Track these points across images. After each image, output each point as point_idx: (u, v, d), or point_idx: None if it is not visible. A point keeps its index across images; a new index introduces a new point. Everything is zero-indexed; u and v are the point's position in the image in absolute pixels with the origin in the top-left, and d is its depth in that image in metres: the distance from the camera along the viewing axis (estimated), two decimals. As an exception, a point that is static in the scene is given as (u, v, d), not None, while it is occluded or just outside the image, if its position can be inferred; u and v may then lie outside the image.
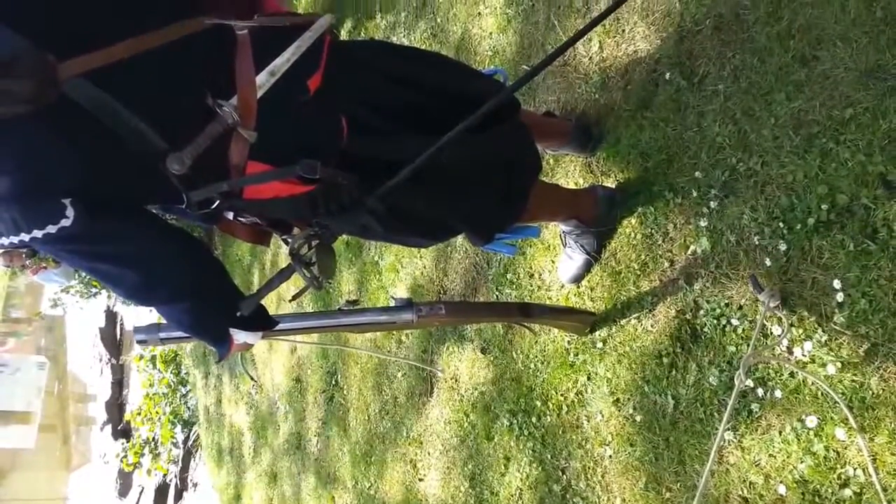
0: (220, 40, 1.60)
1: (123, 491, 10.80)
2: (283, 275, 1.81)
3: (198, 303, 1.77)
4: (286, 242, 1.88)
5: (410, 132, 1.89)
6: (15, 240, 1.48)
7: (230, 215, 1.87)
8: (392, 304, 2.26)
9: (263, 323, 1.97)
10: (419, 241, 2.30)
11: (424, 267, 3.59)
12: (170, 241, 1.72)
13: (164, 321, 2.01)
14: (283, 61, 1.63)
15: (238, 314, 1.83)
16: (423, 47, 3.77)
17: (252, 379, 1.81)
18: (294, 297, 1.96)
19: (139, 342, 2.12)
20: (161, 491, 9.14)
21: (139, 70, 1.45)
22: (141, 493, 9.92)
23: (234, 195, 1.65)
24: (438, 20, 3.71)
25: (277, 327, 2.05)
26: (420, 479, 3.50)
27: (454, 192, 1.99)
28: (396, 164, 1.66)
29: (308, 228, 1.75)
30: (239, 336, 1.89)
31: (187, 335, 2.02)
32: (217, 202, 1.64)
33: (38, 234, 1.45)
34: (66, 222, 1.45)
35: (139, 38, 1.45)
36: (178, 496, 8.68)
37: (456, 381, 3.29)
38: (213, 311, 1.84)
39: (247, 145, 1.58)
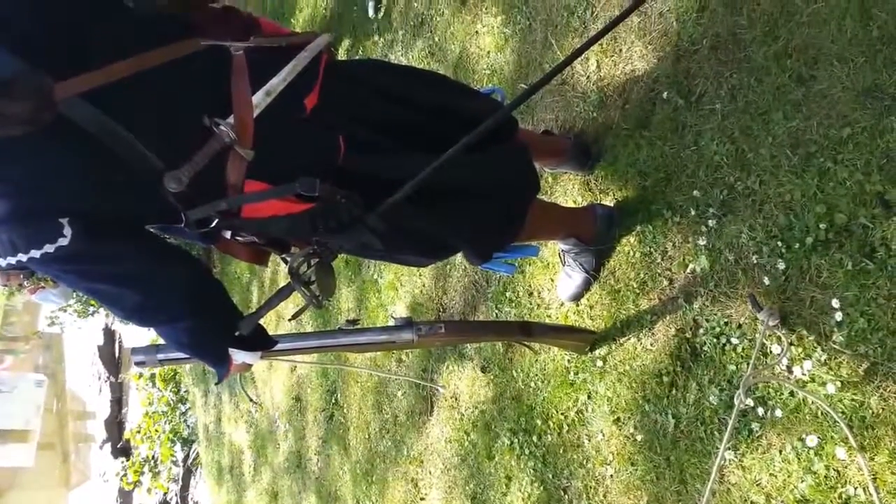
0: (216, 61, 1.63)
1: (123, 510, 10.76)
2: (283, 294, 1.81)
3: (198, 322, 1.77)
4: (285, 261, 1.88)
5: (409, 150, 1.90)
6: (13, 260, 1.48)
7: (228, 234, 1.87)
8: (392, 323, 2.26)
9: (263, 343, 1.96)
10: (418, 260, 2.30)
11: (423, 285, 3.59)
12: (169, 261, 1.72)
13: (162, 342, 2.02)
14: (280, 81, 1.65)
15: (237, 334, 1.83)
16: (420, 66, 3.79)
17: (251, 400, 1.81)
18: (294, 317, 1.96)
19: (137, 364, 2.11)
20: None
21: (137, 89, 1.46)
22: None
23: (233, 214, 1.65)
24: (436, 38, 3.72)
25: (277, 347, 2.05)
26: (422, 499, 3.49)
27: (453, 211, 1.99)
28: (395, 182, 1.67)
29: (307, 247, 1.75)
30: (238, 356, 1.89)
31: (186, 356, 2.02)
32: (215, 221, 1.65)
33: (35, 254, 1.45)
34: (63, 241, 1.45)
35: (138, 57, 1.47)
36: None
37: (456, 399, 3.28)
38: (213, 331, 1.83)
39: (244, 164, 1.59)
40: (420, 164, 1.67)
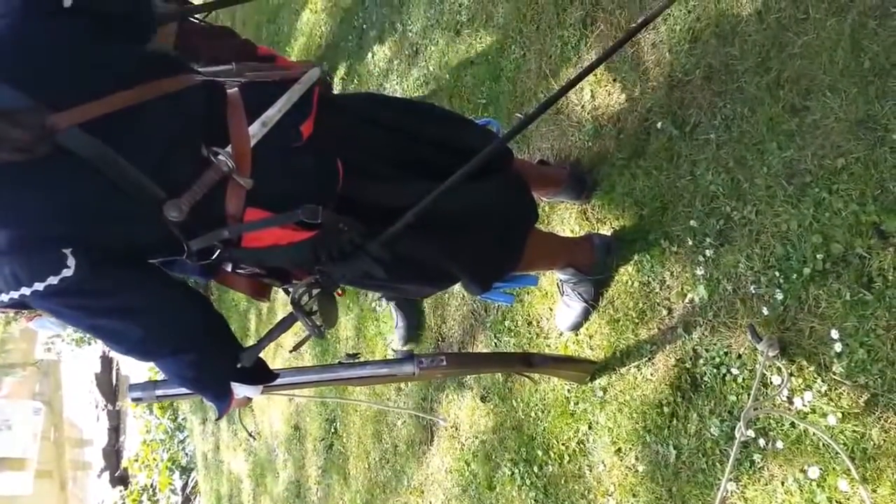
0: (211, 95, 1.66)
1: (122, 539, 10.66)
2: (284, 325, 1.81)
3: (200, 356, 1.75)
4: (287, 292, 1.87)
5: (407, 178, 1.91)
6: (15, 295, 1.46)
7: (229, 267, 1.87)
8: (392, 356, 2.26)
9: (264, 376, 1.94)
10: (419, 290, 2.30)
11: (422, 314, 3.59)
12: (173, 293, 1.72)
13: (159, 378, 2.02)
14: (275, 112, 1.67)
15: (239, 366, 1.83)
16: (415, 95, 3.80)
17: (250, 434, 1.81)
18: (295, 348, 1.96)
19: (135, 400, 2.10)
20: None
21: (134, 121, 1.48)
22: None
23: (233, 244, 1.65)
24: (431, 68, 3.74)
25: (276, 382, 2.04)
26: (423, 529, 3.47)
27: (452, 240, 1.99)
28: (394, 210, 1.70)
29: (309, 277, 1.75)
30: (240, 390, 1.87)
31: (186, 391, 2.01)
32: (217, 252, 1.65)
33: (39, 286, 1.45)
34: (67, 272, 1.45)
35: (136, 89, 1.50)
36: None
37: (456, 429, 3.27)
38: (217, 364, 1.81)
39: (243, 192, 1.60)
40: (419, 192, 1.73)
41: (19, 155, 1.35)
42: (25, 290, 1.45)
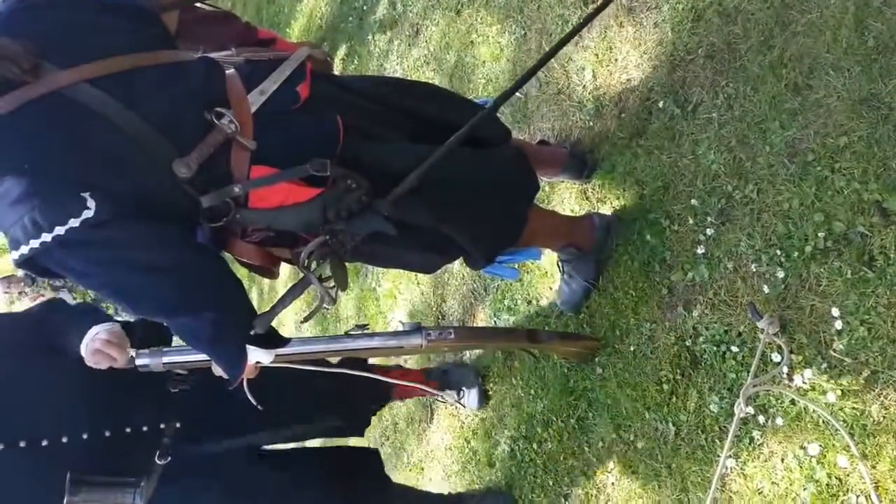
0: (211, 70, 1.74)
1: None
2: (296, 290, 1.84)
3: (221, 316, 1.77)
4: (296, 259, 1.87)
5: (405, 141, 1.96)
6: (36, 243, 1.48)
7: (239, 234, 1.87)
8: (400, 328, 2.27)
9: (276, 341, 1.96)
10: (424, 261, 2.26)
11: (422, 293, 3.60)
12: (196, 251, 1.75)
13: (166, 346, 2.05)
14: (271, 83, 1.75)
15: (252, 333, 1.83)
16: (416, 76, 3.80)
17: (257, 406, 1.84)
18: (306, 319, 1.97)
19: (141, 367, 2.09)
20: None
21: (138, 83, 1.58)
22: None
23: (242, 204, 1.70)
24: (431, 48, 3.73)
25: (285, 350, 2.04)
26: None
27: (454, 207, 2.01)
28: (395, 174, 1.78)
29: (320, 237, 1.78)
30: (254, 354, 1.88)
31: (195, 358, 2.02)
32: (228, 215, 1.69)
33: (60, 230, 1.47)
34: (87, 213, 1.48)
35: (133, 56, 1.60)
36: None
37: (456, 407, 3.28)
38: (235, 325, 1.83)
39: (247, 154, 1.67)
40: (420, 154, 1.81)
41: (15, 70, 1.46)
42: (46, 237, 1.48)
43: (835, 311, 1.87)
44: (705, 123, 2.29)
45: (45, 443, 2.11)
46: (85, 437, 2.16)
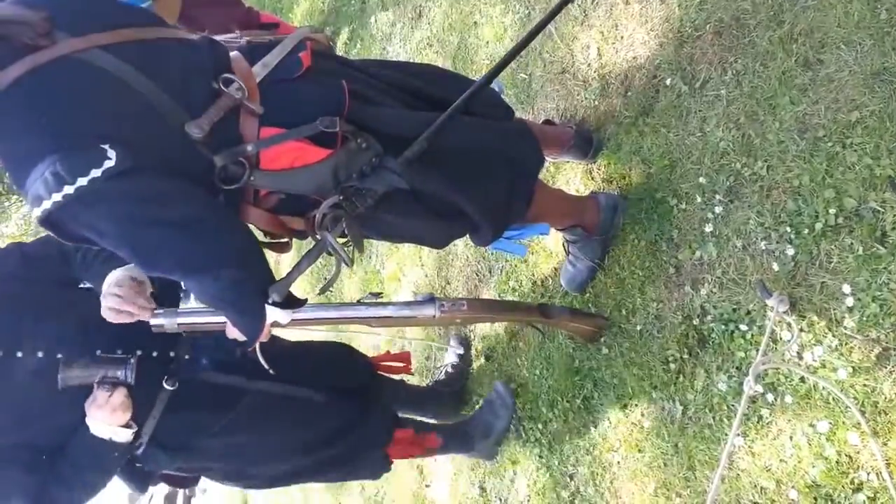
0: (215, 49, 1.81)
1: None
2: (312, 255, 1.85)
3: (243, 274, 1.77)
4: (308, 227, 1.87)
5: (407, 109, 1.98)
6: (59, 196, 1.50)
7: (251, 198, 1.85)
8: (414, 298, 2.25)
9: (293, 302, 1.93)
10: (436, 233, 2.22)
11: (426, 275, 3.58)
12: (218, 209, 1.75)
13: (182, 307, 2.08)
14: (273, 57, 1.82)
15: (270, 301, 1.82)
16: (419, 57, 3.77)
17: (268, 368, 1.83)
18: (323, 289, 1.96)
19: (155, 328, 2.07)
20: (170, 498, 9.06)
21: (148, 52, 1.65)
22: (150, 499, 9.81)
23: (254, 163, 1.73)
24: (434, 30, 3.71)
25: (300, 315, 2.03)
26: (427, 486, 3.48)
27: (467, 174, 2.00)
28: (401, 139, 1.83)
29: (333, 197, 1.80)
30: (272, 314, 1.85)
31: (210, 320, 2.02)
32: (242, 178, 1.72)
33: (82, 181, 1.50)
34: (109, 163, 1.51)
35: (141, 28, 1.69)
36: (187, 502, 8.60)
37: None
38: (256, 284, 1.81)
39: (256, 119, 1.73)
40: (425, 120, 1.86)
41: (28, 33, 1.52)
42: (69, 189, 1.50)
43: (846, 288, 1.85)
44: (713, 100, 2.27)
45: (40, 354, 2.14)
46: (98, 353, 2.18)
